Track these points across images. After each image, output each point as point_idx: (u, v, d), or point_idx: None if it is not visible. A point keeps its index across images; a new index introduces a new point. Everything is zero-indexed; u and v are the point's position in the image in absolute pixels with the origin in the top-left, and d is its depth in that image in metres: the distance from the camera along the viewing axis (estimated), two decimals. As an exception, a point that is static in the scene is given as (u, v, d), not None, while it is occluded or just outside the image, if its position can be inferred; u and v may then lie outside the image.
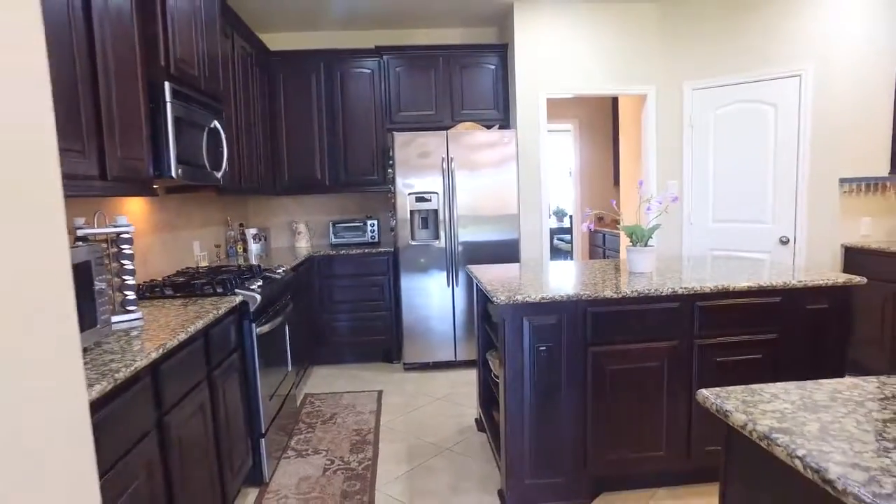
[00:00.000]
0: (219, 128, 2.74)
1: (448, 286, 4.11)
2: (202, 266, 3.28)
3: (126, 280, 1.90)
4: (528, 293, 2.17)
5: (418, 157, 3.99)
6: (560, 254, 7.68)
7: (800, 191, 3.78)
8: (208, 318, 1.96)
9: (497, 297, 2.15)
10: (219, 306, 2.14)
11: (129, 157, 2.00)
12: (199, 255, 3.49)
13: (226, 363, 2.19)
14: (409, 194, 4.02)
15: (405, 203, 4.02)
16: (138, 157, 2.08)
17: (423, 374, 4.07)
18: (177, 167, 2.28)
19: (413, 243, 4.07)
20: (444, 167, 4.00)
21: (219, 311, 2.08)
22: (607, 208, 6.24)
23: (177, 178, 2.29)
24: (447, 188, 4.03)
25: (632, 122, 5.11)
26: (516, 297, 2.14)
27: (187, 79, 2.44)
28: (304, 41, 4.60)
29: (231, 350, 2.28)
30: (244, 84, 3.66)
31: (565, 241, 7.78)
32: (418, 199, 4.03)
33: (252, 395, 2.47)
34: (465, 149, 4.01)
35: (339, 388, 3.82)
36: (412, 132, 4.02)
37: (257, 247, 4.26)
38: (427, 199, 4.03)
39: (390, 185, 4.29)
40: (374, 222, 4.60)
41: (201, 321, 1.89)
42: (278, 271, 3.00)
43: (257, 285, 2.54)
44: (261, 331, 2.49)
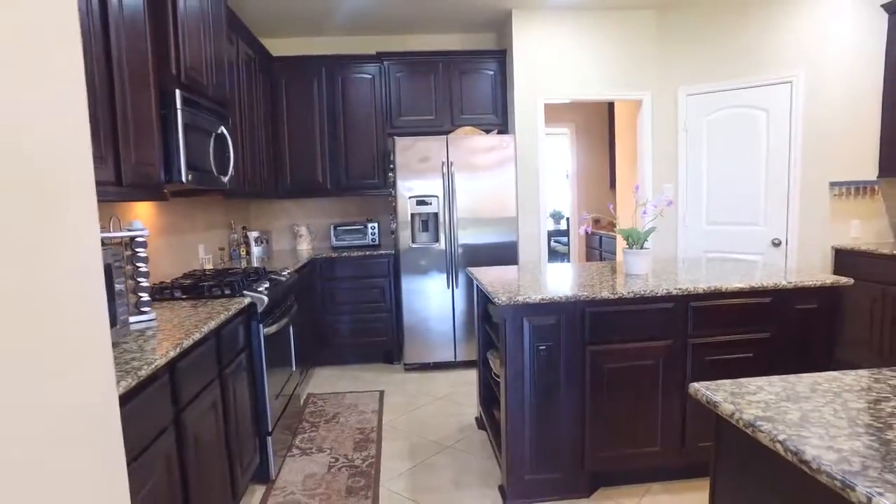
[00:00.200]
0: (225, 133, 2.81)
1: (448, 288, 4.18)
2: (208, 268, 3.34)
3: (140, 282, 1.96)
4: (529, 294, 2.25)
5: (419, 161, 4.07)
6: (557, 256, 7.76)
7: (791, 194, 3.87)
8: (220, 319, 2.03)
9: (498, 299, 2.22)
10: (228, 307, 2.21)
11: (143, 163, 2.07)
12: (204, 257, 3.55)
13: (235, 362, 2.26)
14: (410, 198, 4.09)
15: (406, 206, 4.10)
16: (150, 162, 2.15)
17: (423, 374, 4.14)
18: (187, 172, 2.35)
19: (414, 246, 4.14)
20: (444, 171, 4.08)
21: (229, 311, 2.15)
22: (604, 211, 6.33)
23: (187, 183, 2.36)
24: (447, 192, 4.10)
25: (628, 127, 5.19)
26: (517, 299, 2.21)
27: (196, 86, 2.51)
28: (306, 46, 4.68)
29: (240, 350, 2.35)
30: (248, 89, 3.73)
31: (562, 244, 7.86)
32: (419, 203, 4.11)
33: (259, 394, 2.53)
34: (465, 153, 4.09)
35: (342, 389, 3.89)
36: (413, 137, 4.10)
37: (259, 249, 4.32)
38: (427, 203, 4.11)
39: (391, 189, 4.36)
40: (375, 225, 4.67)
41: (213, 321, 1.96)
42: (283, 274, 3.07)
43: (264, 287, 2.61)
44: (268, 331, 2.56)
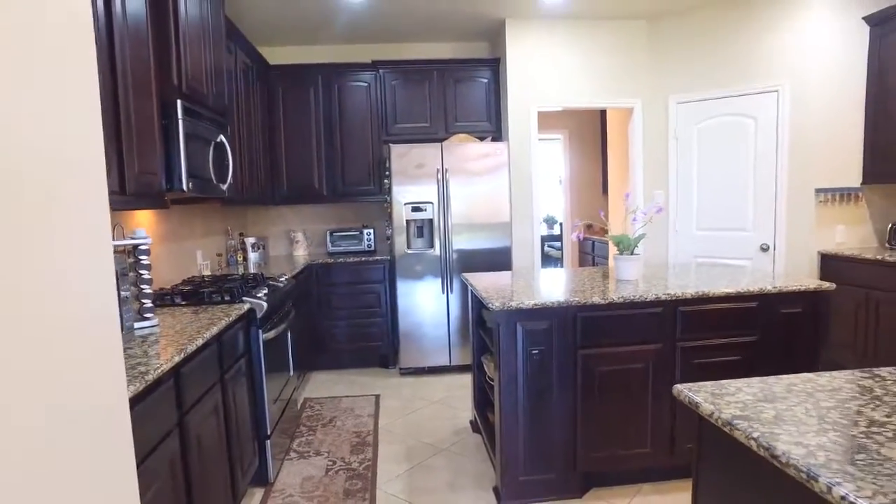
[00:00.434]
0: (224, 142, 2.86)
1: (443, 293, 4.24)
2: (206, 275, 3.39)
3: (143, 289, 2.01)
4: (522, 300, 2.31)
5: (414, 168, 4.13)
6: (551, 261, 7.84)
7: (779, 200, 3.96)
8: (221, 325, 2.08)
9: (492, 304, 2.29)
10: (229, 313, 2.26)
11: (145, 172, 2.12)
12: (202, 263, 3.60)
13: (235, 367, 2.30)
14: (405, 204, 4.16)
15: (401, 212, 4.16)
16: (153, 171, 2.20)
17: (418, 378, 4.20)
18: (187, 181, 2.40)
19: (409, 251, 4.20)
20: (438, 178, 4.15)
21: (229, 317, 2.20)
22: (596, 217, 6.41)
23: (187, 191, 2.41)
24: (442, 198, 4.17)
25: (619, 134, 5.29)
26: (510, 304, 2.28)
27: (197, 96, 2.57)
28: (302, 55, 4.74)
29: (240, 355, 2.39)
30: (245, 97, 3.78)
31: (556, 249, 7.94)
32: (414, 209, 4.17)
33: (258, 399, 2.58)
34: (459, 160, 4.16)
35: (338, 393, 3.93)
36: (408, 144, 4.16)
37: (256, 255, 4.37)
38: (422, 209, 4.17)
39: (386, 195, 4.42)
40: (371, 231, 4.73)
41: (215, 327, 2.01)
42: (281, 279, 3.12)
43: (263, 293, 2.66)
44: (267, 337, 2.60)
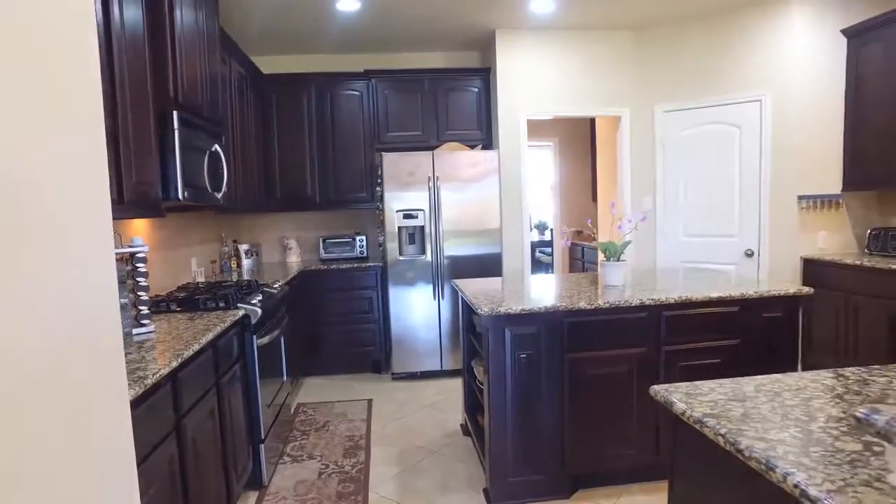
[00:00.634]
0: (219, 151, 2.92)
1: (434, 299, 4.30)
2: (200, 281, 3.43)
3: (140, 296, 2.05)
4: (510, 305, 2.37)
5: (406, 175, 4.20)
6: (542, 266, 7.92)
7: (762, 206, 4.06)
8: (216, 330, 2.13)
9: (481, 310, 2.35)
10: (224, 319, 2.30)
11: (142, 182, 2.17)
12: (197, 270, 3.64)
13: (230, 372, 2.35)
14: (397, 211, 4.22)
15: (393, 219, 4.22)
16: (149, 181, 2.25)
17: (410, 383, 4.24)
18: (183, 190, 2.45)
19: (401, 258, 4.26)
20: (430, 185, 4.21)
21: (224, 323, 2.25)
22: (585, 224, 6.50)
23: (183, 200, 2.46)
24: (433, 205, 4.23)
25: (608, 141, 5.38)
26: (499, 310, 2.34)
27: (192, 106, 2.62)
28: (296, 64, 4.81)
29: (234, 360, 2.44)
30: (239, 106, 3.84)
31: (546, 254, 8.02)
32: (406, 216, 4.23)
33: (253, 403, 2.62)
34: (450, 167, 4.23)
35: (331, 398, 3.97)
36: (400, 152, 4.23)
37: (249, 262, 4.41)
38: (414, 216, 4.24)
39: (378, 203, 4.48)
40: (363, 238, 4.78)
41: (211, 333, 2.06)
42: (274, 286, 3.17)
43: (257, 299, 2.71)
44: (261, 342, 2.65)
